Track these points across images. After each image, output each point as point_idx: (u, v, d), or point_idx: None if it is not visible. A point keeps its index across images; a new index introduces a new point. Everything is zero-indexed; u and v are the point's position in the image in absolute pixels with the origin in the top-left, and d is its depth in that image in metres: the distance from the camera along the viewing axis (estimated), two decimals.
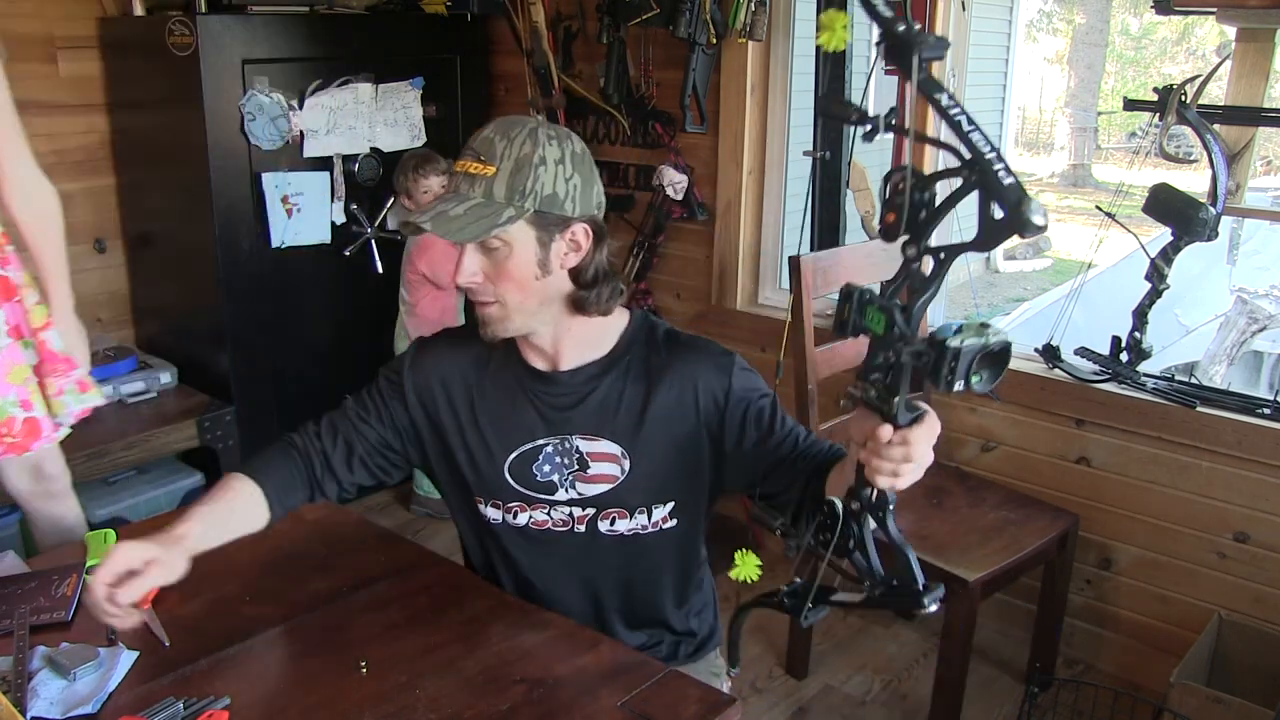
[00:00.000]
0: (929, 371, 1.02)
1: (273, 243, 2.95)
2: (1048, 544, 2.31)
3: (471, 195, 1.31)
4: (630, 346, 1.46)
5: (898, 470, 1.09)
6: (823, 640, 2.71)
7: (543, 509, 1.47)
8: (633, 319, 1.48)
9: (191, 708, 1.21)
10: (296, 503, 1.47)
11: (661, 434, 1.43)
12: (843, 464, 1.29)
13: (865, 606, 1.19)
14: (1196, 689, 2.04)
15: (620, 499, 1.45)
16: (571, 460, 1.45)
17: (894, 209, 1.01)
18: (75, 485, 2.13)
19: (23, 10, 2.84)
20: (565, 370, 1.44)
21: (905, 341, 1.04)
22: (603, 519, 1.46)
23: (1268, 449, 2.23)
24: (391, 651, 1.34)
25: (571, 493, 1.46)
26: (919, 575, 1.12)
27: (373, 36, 3.12)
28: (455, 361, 1.50)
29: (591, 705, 1.24)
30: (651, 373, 1.44)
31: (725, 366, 1.44)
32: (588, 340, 1.44)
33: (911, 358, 1.05)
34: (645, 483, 1.45)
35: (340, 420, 1.50)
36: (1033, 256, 9.01)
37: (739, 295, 3.05)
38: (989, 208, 0.99)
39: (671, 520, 1.48)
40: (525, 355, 1.46)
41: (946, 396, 2.69)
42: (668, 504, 1.47)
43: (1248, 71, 2.22)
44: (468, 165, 1.32)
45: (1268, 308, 3.76)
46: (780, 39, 2.88)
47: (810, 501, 1.36)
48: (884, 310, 1.05)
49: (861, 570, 1.15)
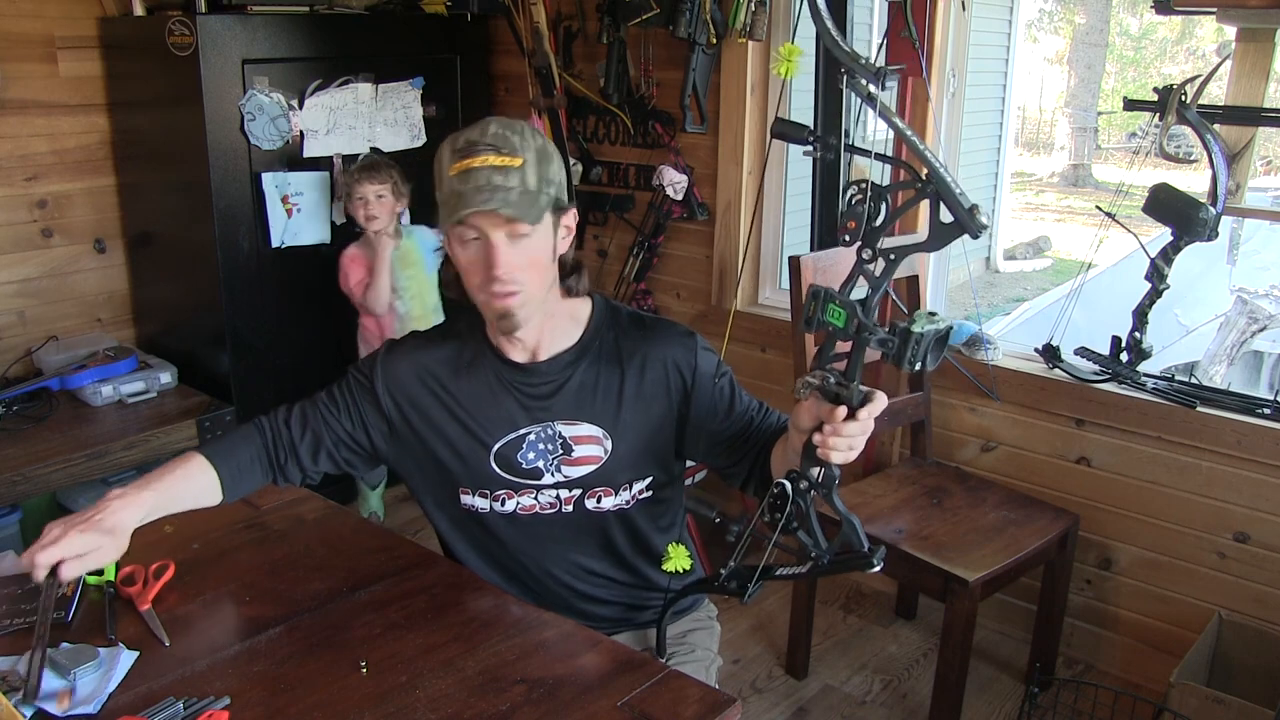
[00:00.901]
0: (894, 356, 1.15)
1: (273, 243, 2.95)
2: (1048, 544, 2.31)
3: (510, 184, 1.35)
4: (599, 331, 1.54)
5: (852, 444, 1.23)
6: (823, 640, 2.72)
7: (530, 494, 1.53)
8: (595, 305, 1.56)
9: (191, 708, 1.21)
10: (253, 486, 1.54)
11: (639, 413, 1.51)
12: (784, 441, 1.39)
13: (812, 576, 1.32)
14: (1196, 689, 2.04)
15: (606, 478, 1.52)
16: (555, 445, 1.51)
17: (854, 217, 1.15)
18: (75, 485, 2.12)
19: (23, 10, 2.84)
20: (543, 360, 1.51)
21: (870, 331, 1.16)
22: (589, 498, 1.53)
23: (1268, 449, 2.23)
24: (391, 651, 1.34)
25: (558, 476, 1.52)
26: (864, 540, 1.27)
27: (373, 36, 3.12)
28: (425, 361, 1.55)
29: (591, 705, 1.24)
30: (623, 355, 1.52)
31: (690, 345, 1.53)
32: (563, 328, 1.52)
33: (878, 345, 1.16)
34: (628, 460, 1.52)
35: (311, 411, 1.54)
36: (1033, 256, 9.01)
37: (739, 295, 3.05)
38: (938, 213, 1.13)
39: (648, 492, 1.56)
40: (502, 349, 1.52)
41: (946, 397, 2.70)
42: (646, 478, 1.54)
43: (1248, 71, 2.22)
44: (489, 159, 1.35)
45: (1268, 308, 3.76)
46: (780, 39, 2.88)
47: (759, 475, 1.48)
48: (843, 306, 1.17)
49: (808, 544, 1.28)
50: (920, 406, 2.63)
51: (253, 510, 1.75)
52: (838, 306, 1.17)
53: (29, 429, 2.63)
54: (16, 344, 2.99)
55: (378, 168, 2.88)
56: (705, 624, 1.71)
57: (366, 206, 2.85)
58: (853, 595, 2.94)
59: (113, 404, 2.81)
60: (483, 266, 1.39)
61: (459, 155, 1.37)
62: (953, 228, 1.14)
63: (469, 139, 1.38)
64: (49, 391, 2.80)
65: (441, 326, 1.63)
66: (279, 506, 1.74)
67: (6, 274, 2.96)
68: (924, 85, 2.54)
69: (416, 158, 3.20)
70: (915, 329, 1.14)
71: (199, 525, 1.70)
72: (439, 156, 1.41)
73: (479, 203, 1.33)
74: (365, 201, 2.85)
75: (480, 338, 1.54)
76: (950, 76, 2.65)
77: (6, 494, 2.43)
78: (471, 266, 1.41)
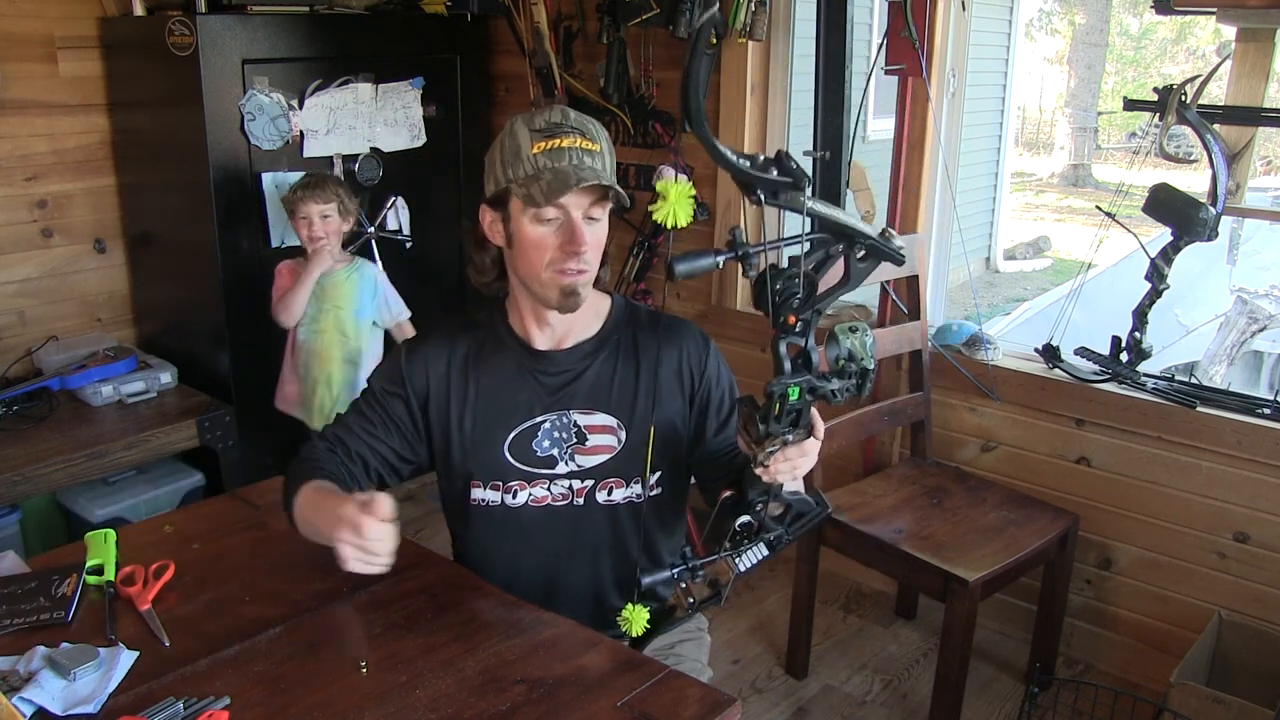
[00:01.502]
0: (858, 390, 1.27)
1: (273, 243, 2.95)
2: (1048, 544, 2.31)
3: (597, 165, 1.41)
4: (618, 326, 1.57)
5: (796, 467, 1.29)
6: (823, 640, 2.72)
7: (543, 484, 1.54)
8: (615, 301, 1.60)
9: (191, 708, 1.21)
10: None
11: (654, 406, 1.54)
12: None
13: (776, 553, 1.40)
14: (1196, 689, 2.04)
15: (619, 468, 1.54)
16: (570, 434, 1.53)
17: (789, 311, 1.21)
18: (75, 485, 2.12)
19: (23, 10, 2.84)
20: (565, 349, 1.54)
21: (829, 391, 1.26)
22: (600, 489, 1.55)
23: (1268, 449, 2.23)
24: (391, 651, 1.34)
25: (571, 465, 1.54)
26: (812, 503, 1.38)
27: (373, 36, 3.12)
28: (447, 354, 1.56)
29: (591, 705, 1.24)
30: (640, 350, 1.55)
31: (705, 345, 1.58)
32: (586, 319, 1.55)
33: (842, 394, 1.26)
34: (641, 451, 1.53)
35: (348, 436, 1.55)
36: (1033, 256, 9.01)
37: (739, 295, 3.05)
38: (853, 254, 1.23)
39: (658, 488, 1.57)
40: (528, 336, 1.55)
41: (946, 397, 2.70)
42: (656, 472, 1.56)
43: (1248, 71, 2.22)
44: (579, 141, 1.41)
45: (1268, 308, 3.75)
46: (780, 39, 2.88)
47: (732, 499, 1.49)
48: (795, 385, 1.24)
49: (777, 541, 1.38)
50: (920, 406, 2.63)
51: (253, 510, 1.75)
52: (792, 386, 1.24)
53: (29, 429, 2.63)
54: (16, 344, 2.99)
55: (323, 185, 2.68)
56: (695, 635, 1.72)
57: (310, 227, 2.66)
58: (853, 595, 2.94)
59: (113, 404, 2.81)
60: (562, 244, 1.42)
61: (543, 135, 1.40)
62: (870, 262, 1.24)
63: (550, 120, 1.42)
64: (49, 391, 2.80)
65: (462, 319, 1.64)
66: (279, 506, 1.73)
67: (6, 274, 2.96)
68: (924, 85, 2.54)
69: (416, 158, 3.20)
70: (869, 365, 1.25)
71: (199, 525, 1.71)
72: (510, 138, 1.43)
73: (583, 179, 1.37)
74: (309, 221, 2.66)
75: (503, 327, 1.57)
76: (950, 76, 2.65)
77: (6, 494, 2.43)
78: (544, 244, 1.43)
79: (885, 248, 1.23)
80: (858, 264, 1.24)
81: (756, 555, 1.37)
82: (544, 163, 1.39)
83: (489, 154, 1.48)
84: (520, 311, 1.55)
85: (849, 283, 1.26)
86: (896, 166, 2.68)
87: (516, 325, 1.56)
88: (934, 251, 2.79)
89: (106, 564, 1.51)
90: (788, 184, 1.15)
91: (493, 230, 1.50)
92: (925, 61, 2.51)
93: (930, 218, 2.73)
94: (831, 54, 2.71)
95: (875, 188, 2.80)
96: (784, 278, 1.20)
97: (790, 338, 1.23)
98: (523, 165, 1.41)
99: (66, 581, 1.47)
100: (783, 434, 1.26)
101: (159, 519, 1.80)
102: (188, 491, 2.94)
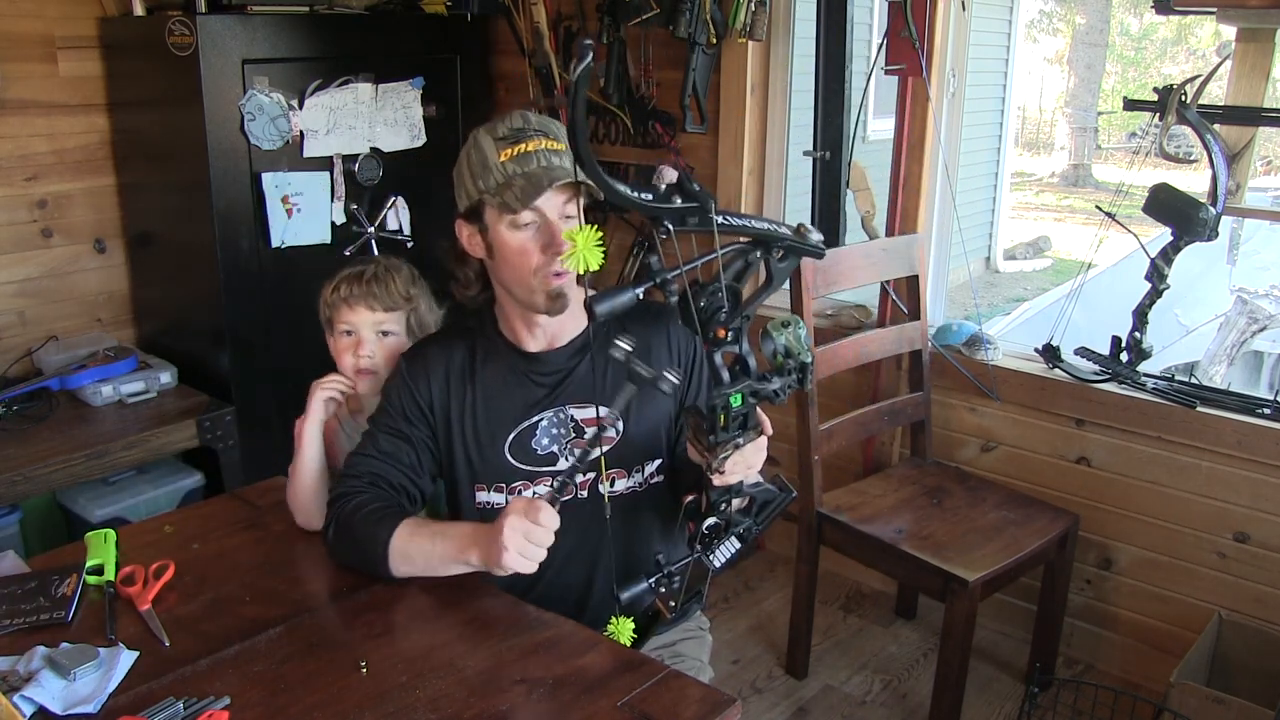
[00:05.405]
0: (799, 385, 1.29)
1: (273, 243, 2.94)
2: (1048, 544, 2.31)
3: (565, 165, 1.42)
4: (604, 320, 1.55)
5: (751, 466, 1.32)
6: (823, 640, 2.72)
7: (546, 481, 1.56)
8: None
9: (191, 708, 1.21)
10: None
11: (647, 394, 1.51)
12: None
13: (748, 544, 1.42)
14: (1196, 689, 2.04)
15: (620, 458, 1.55)
16: (568, 429, 1.55)
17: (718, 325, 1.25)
18: (75, 485, 2.12)
19: (23, 10, 2.83)
20: (556, 348, 1.56)
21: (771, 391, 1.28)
22: (603, 482, 1.54)
23: (1268, 449, 2.23)
24: (391, 651, 1.34)
25: (572, 459, 1.55)
26: (775, 490, 1.40)
27: (373, 36, 3.11)
28: (445, 362, 1.57)
29: (591, 705, 1.24)
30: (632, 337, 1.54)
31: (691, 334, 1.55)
32: (572, 317, 1.55)
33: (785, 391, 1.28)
34: (640, 440, 1.55)
35: (383, 470, 1.54)
36: (1033, 256, 9.01)
37: None
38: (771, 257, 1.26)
39: (658, 476, 1.60)
40: (519, 339, 1.56)
41: (946, 397, 2.70)
42: (656, 460, 1.58)
43: (1248, 71, 2.22)
44: (545, 143, 1.42)
45: (1268, 308, 3.75)
46: (780, 39, 2.88)
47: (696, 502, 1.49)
48: (737, 392, 1.26)
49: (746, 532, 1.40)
50: (920, 406, 2.63)
51: (253, 510, 1.75)
52: (734, 394, 1.26)
53: (29, 429, 2.63)
54: (16, 344, 2.99)
55: (385, 281, 1.72)
56: (696, 634, 1.72)
57: (358, 349, 1.72)
58: (853, 595, 2.94)
59: (113, 404, 2.81)
60: (543, 246, 1.43)
61: (508, 142, 1.41)
62: (790, 260, 1.27)
63: (513, 126, 1.43)
64: (49, 391, 2.79)
65: (452, 328, 1.65)
66: (279, 506, 1.73)
67: (6, 274, 2.96)
68: (924, 85, 2.54)
69: (416, 158, 3.20)
70: (807, 360, 1.27)
71: (199, 525, 1.71)
72: (475, 150, 1.44)
73: (555, 179, 1.38)
74: (357, 340, 1.72)
75: (493, 333, 1.58)
76: (950, 76, 2.65)
77: (6, 494, 2.43)
78: (527, 249, 1.44)
79: (802, 245, 1.25)
80: (778, 265, 1.28)
81: (729, 550, 1.39)
82: (513, 169, 1.40)
83: (456, 169, 1.49)
84: (509, 318, 1.57)
85: (773, 283, 1.29)
86: (896, 166, 2.69)
87: (507, 331, 1.58)
88: (934, 251, 2.79)
89: (106, 564, 1.51)
90: (694, 208, 1.17)
91: (472, 243, 1.51)
92: (925, 61, 2.51)
93: (930, 217, 2.73)
94: (831, 54, 2.72)
95: (875, 188, 2.80)
96: (707, 294, 1.23)
97: (724, 348, 1.26)
98: (492, 174, 1.41)
99: (66, 581, 1.47)
100: (733, 439, 1.28)
101: (159, 519, 1.80)
102: (188, 491, 2.93)
